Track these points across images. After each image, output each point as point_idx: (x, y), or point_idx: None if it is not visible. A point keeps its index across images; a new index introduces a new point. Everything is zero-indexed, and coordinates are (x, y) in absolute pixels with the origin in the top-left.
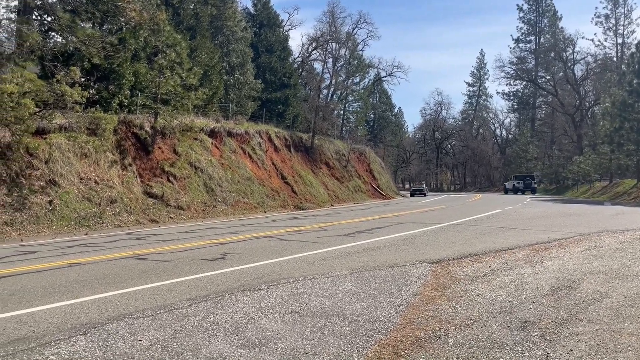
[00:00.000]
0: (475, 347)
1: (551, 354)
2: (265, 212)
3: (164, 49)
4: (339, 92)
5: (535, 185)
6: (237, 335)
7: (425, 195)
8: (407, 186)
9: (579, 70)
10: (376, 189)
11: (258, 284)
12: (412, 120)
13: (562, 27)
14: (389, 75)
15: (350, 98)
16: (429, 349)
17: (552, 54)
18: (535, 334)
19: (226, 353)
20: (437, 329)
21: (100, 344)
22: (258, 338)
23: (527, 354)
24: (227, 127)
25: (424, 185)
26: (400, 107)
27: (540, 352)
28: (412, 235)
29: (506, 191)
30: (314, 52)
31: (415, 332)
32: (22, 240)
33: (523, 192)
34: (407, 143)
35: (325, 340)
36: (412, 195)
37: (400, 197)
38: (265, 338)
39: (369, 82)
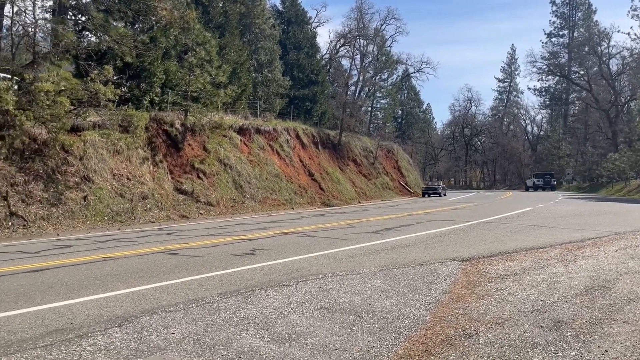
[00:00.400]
0: (507, 346)
1: (585, 355)
2: (292, 208)
3: (194, 47)
4: (366, 89)
5: (555, 182)
6: (267, 330)
7: (441, 195)
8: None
9: (614, 64)
10: (404, 186)
11: (287, 280)
12: (441, 117)
13: (596, 21)
14: (418, 71)
15: (378, 95)
16: (460, 347)
17: (586, 49)
18: (569, 334)
19: (257, 347)
20: (468, 327)
21: (135, 336)
22: (288, 333)
23: (560, 354)
24: (256, 124)
25: (440, 183)
26: (428, 104)
27: (574, 353)
28: (441, 232)
29: (527, 188)
30: (342, 48)
31: (445, 330)
32: (58, 234)
33: (543, 189)
34: (435, 140)
35: (355, 336)
36: (424, 195)
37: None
38: (295, 333)
39: (397, 78)
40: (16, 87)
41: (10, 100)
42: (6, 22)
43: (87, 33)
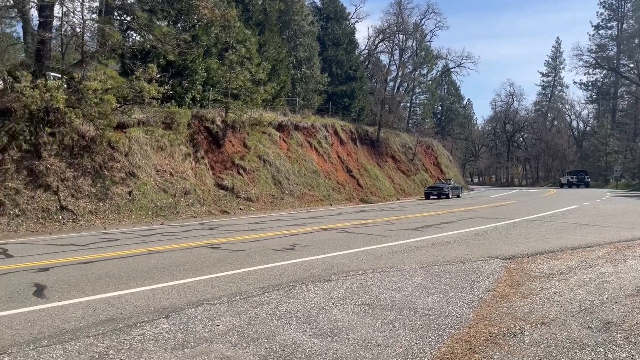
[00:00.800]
0: (554, 347)
1: (636, 357)
2: (330, 204)
3: (234, 45)
4: (405, 84)
5: (588, 180)
6: (309, 324)
7: (449, 197)
8: (475, 180)
9: None
10: None
11: (327, 275)
12: (482, 112)
13: None
14: (458, 66)
15: (417, 90)
16: (504, 346)
17: (637, 41)
18: (619, 335)
19: (300, 341)
20: (512, 326)
21: (181, 327)
22: (330, 328)
23: (610, 355)
24: (294, 120)
25: (451, 182)
26: (469, 99)
27: (624, 355)
28: (483, 230)
29: (561, 185)
30: (381, 44)
31: (489, 329)
32: (105, 228)
33: (577, 186)
34: (476, 136)
35: (397, 332)
36: (427, 196)
37: (468, 191)
38: (337, 328)
39: (436, 73)
40: (66, 85)
41: (61, 98)
42: (55, 22)
43: (131, 32)
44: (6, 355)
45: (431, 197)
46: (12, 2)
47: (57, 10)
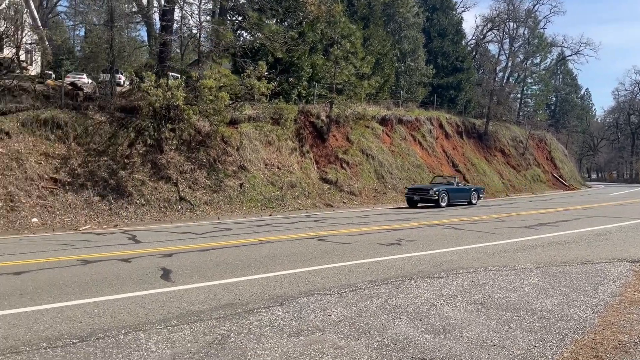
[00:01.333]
0: None
1: None
2: None
3: (339, 40)
4: (516, 75)
5: None
6: (420, 320)
7: (439, 204)
8: (593, 176)
9: None
10: (558, 179)
11: (437, 272)
12: (602, 103)
13: None
14: (575, 53)
15: (529, 80)
16: (636, 356)
17: None
18: None
19: (411, 336)
20: None
21: (295, 315)
22: (442, 325)
23: None
24: (398, 114)
25: (455, 181)
26: (587, 89)
27: None
28: (606, 230)
29: None
30: (489, 33)
31: (617, 336)
32: (219, 218)
33: None
34: (594, 128)
35: (514, 334)
36: (409, 202)
37: (586, 187)
38: (449, 325)
39: (551, 62)
40: (184, 84)
41: (180, 96)
42: (175, 26)
43: (241, 32)
44: (141, 332)
45: (412, 203)
46: (137, 8)
47: (176, 14)
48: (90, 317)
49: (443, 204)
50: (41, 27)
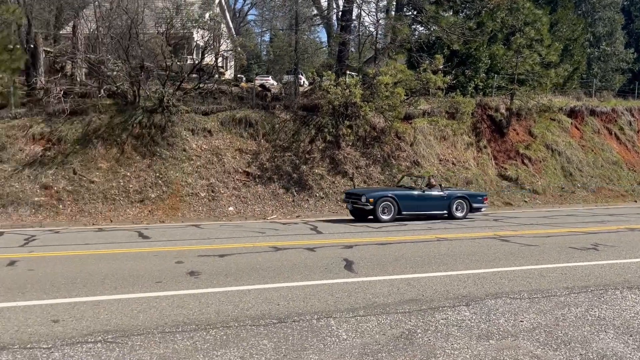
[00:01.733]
0: None
1: None
2: (635, 201)
3: (522, 27)
4: None
5: None
6: (631, 335)
7: (377, 219)
8: None
9: None
10: None
11: None
12: None
13: None
14: None
15: None
16: None
17: None
18: None
19: (621, 353)
20: None
21: (483, 317)
22: None
23: None
24: (589, 105)
25: (425, 180)
26: None
27: None
28: None
29: None
30: None
31: None
32: None
33: None
34: None
35: None
36: (351, 211)
37: None
38: None
39: None
40: (361, 82)
41: (358, 93)
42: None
43: (416, 26)
44: (332, 319)
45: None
46: (316, 11)
47: (353, 13)
48: (285, 300)
49: (385, 217)
50: (235, 36)
